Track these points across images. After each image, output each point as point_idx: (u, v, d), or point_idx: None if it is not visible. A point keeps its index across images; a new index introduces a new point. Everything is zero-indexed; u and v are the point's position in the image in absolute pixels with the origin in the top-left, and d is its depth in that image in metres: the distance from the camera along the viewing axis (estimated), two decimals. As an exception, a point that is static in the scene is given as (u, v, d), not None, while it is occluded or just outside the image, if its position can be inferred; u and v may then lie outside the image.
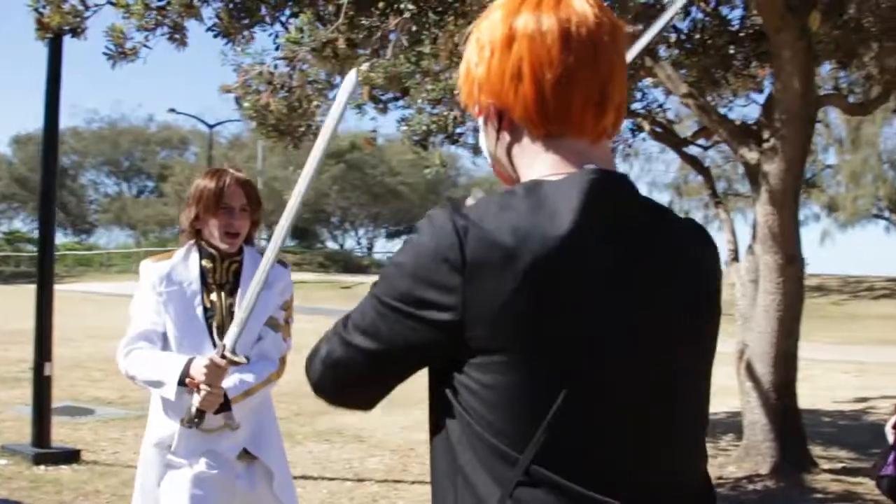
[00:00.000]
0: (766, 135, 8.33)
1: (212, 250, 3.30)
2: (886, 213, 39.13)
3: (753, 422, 7.58)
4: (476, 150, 9.58)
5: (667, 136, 9.37)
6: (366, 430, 8.98)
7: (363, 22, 6.71)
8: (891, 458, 6.76)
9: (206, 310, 3.24)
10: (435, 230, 1.38)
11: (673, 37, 9.18)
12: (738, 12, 9.00)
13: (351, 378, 1.51)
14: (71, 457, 6.83)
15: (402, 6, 6.43)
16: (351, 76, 2.62)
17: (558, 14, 1.44)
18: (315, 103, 8.79)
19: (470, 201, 1.46)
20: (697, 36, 8.98)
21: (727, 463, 7.64)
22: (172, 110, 47.90)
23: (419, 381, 1.52)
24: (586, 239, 1.35)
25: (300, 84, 8.49)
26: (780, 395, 7.49)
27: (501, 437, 1.35)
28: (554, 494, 1.34)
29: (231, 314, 3.21)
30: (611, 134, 1.52)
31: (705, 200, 40.01)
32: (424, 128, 8.13)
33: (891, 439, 7.06)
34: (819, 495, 6.87)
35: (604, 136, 1.50)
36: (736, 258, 8.59)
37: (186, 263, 3.29)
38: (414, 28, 6.55)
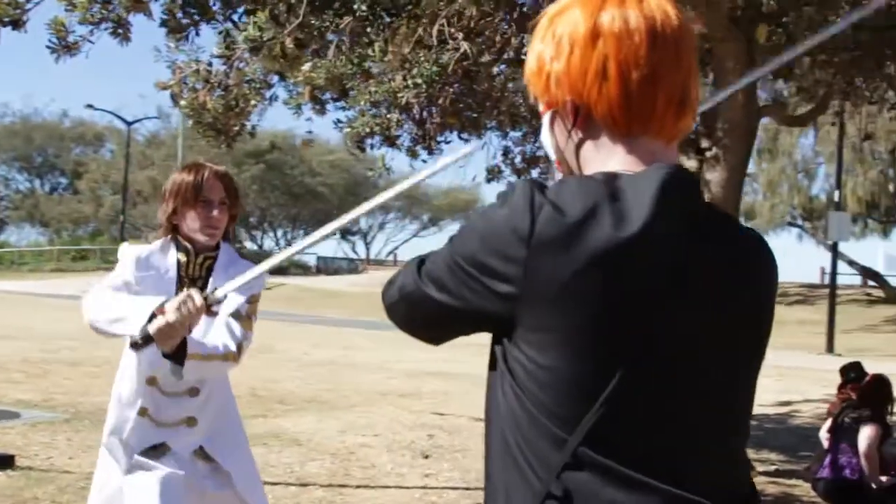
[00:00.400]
0: (704, 143, 8.50)
1: (187, 244, 3.26)
2: (800, 221, 40.30)
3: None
4: (412, 152, 9.55)
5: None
6: (303, 433, 8.90)
7: (313, 22, 6.63)
8: (826, 461, 6.95)
9: None
10: (512, 200, 1.38)
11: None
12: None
13: (419, 315, 1.55)
14: (4, 462, 6.60)
15: (355, 6, 6.38)
16: (472, 147, 2.44)
17: (644, 12, 1.44)
18: (252, 102, 8.69)
19: (551, 182, 1.45)
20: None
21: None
22: (90, 106, 46.51)
23: (352, 386, 1.51)
24: (657, 233, 1.36)
25: (237, 83, 8.39)
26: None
27: (553, 419, 1.36)
28: (600, 477, 1.34)
29: None
30: (683, 135, 1.54)
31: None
32: (368, 130, 8.08)
33: (825, 444, 7.26)
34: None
35: (677, 137, 1.52)
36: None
37: (164, 254, 3.25)
38: (368, 29, 6.49)
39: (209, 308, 2.80)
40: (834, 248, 22.95)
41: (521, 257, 1.34)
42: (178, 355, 2.85)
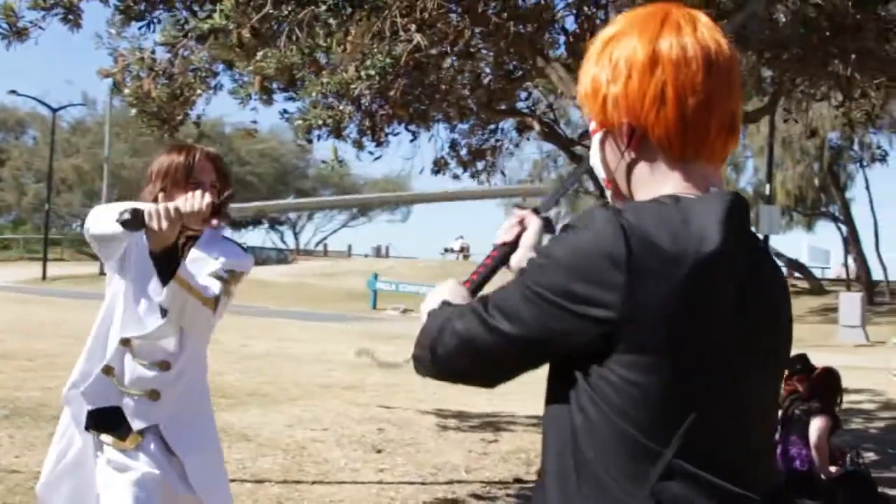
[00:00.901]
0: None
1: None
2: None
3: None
4: (359, 144, 9.47)
5: (555, 136, 9.49)
6: (250, 428, 8.78)
7: (272, 12, 6.50)
8: (778, 452, 7.06)
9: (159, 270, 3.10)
10: (597, 228, 1.43)
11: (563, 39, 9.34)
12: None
13: (484, 356, 1.55)
14: (-54, 464, 6.38)
15: (319, -3, 6.28)
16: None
17: (699, 41, 1.52)
18: (198, 91, 8.53)
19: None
20: (583, 40, 9.14)
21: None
22: (13, 92, 45.12)
23: (292, 379, 1.47)
24: (729, 254, 1.44)
25: (182, 71, 8.22)
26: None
27: (645, 433, 1.42)
28: (693, 487, 1.41)
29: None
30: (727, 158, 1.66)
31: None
32: (321, 122, 7.97)
33: (775, 436, 7.37)
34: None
35: (725, 161, 1.64)
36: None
37: None
38: (332, 21, 6.39)
39: (214, 213, 2.80)
40: (765, 241, 23.40)
41: (619, 283, 1.39)
42: (164, 268, 2.88)
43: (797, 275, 36.20)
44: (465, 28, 8.28)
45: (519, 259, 1.88)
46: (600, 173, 1.65)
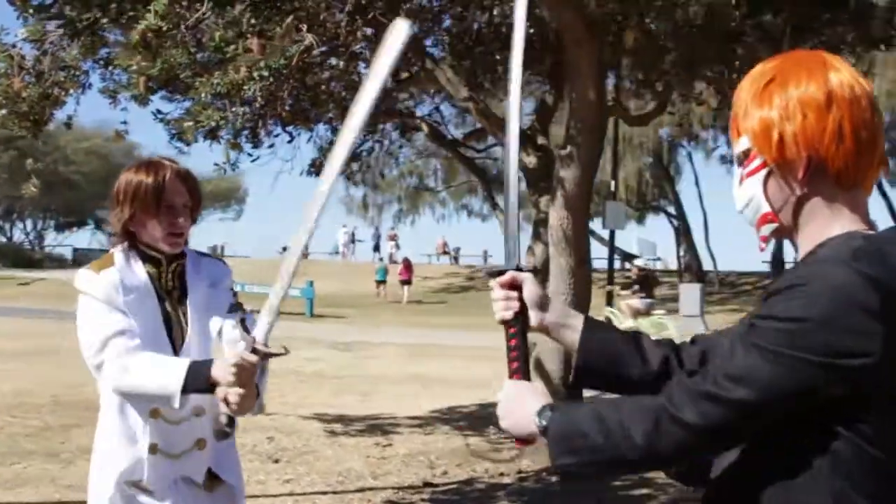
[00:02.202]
0: (540, 140, 8.73)
1: (154, 254, 2.92)
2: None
3: (543, 416, 7.90)
4: (235, 146, 9.25)
5: (441, 138, 9.53)
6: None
7: (178, 10, 6.25)
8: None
9: (166, 322, 2.90)
10: (841, 281, 1.48)
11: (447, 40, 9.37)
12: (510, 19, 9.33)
13: (722, 433, 1.57)
14: None
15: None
16: (401, 29, 2.25)
17: (862, 84, 1.65)
18: (71, 91, 8.15)
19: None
20: (466, 41, 9.22)
21: (520, 457, 7.91)
22: None
23: None
24: None
25: (51, 69, 7.83)
26: (568, 389, 7.86)
27: None
28: None
29: (184, 323, 2.93)
30: None
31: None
32: (213, 123, 7.72)
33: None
34: (618, 482, 7.27)
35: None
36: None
37: (132, 270, 2.88)
38: (253, 21, 6.19)
39: (270, 355, 2.63)
40: (610, 237, 24.20)
41: (876, 332, 1.45)
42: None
43: (629, 266, 37.49)
44: (358, 29, 8.19)
45: (540, 319, 1.95)
46: (760, 208, 1.71)
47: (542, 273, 8.36)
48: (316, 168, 10.79)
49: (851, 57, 8.41)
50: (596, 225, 28.51)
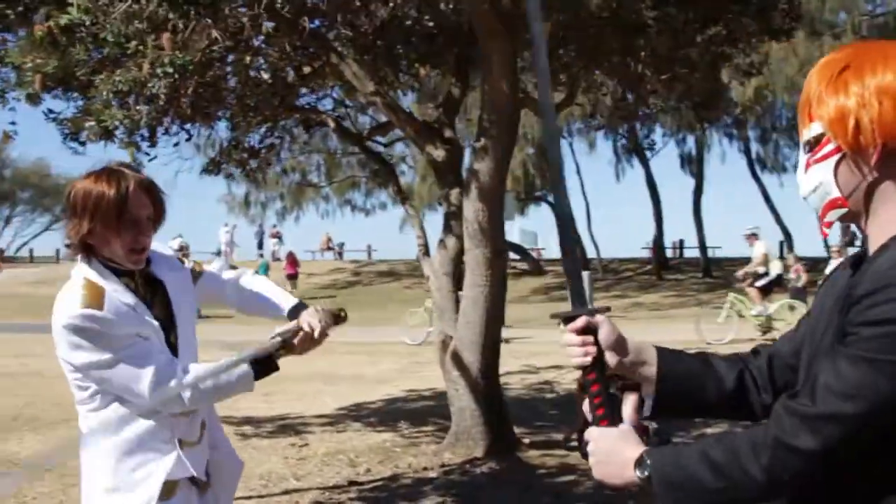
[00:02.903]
0: (447, 133, 8.73)
1: (119, 267, 2.77)
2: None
3: (462, 408, 7.92)
4: (131, 145, 8.99)
5: (346, 132, 9.43)
6: (39, 456, 8.14)
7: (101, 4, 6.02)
8: (596, 430, 7.42)
9: (161, 322, 2.81)
10: None
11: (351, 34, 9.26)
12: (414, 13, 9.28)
13: (841, 456, 1.54)
14: None
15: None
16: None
17: None
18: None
19: None
20: (370, 36, 9.13)
21: (441, 450, 7.91)
22: None
23: (50, 398, 1.47)
24: None
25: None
26: (487, 380, 7.90)
27: None
28: None
29: (171, 321, 2.86)
30: None
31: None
32: (117, 122, 7.46)
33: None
34: (542, 471, 7.35)
35: None
36: (427, 252, 8.91)
37: (111, 283, 2.72)
38: (171, 15, 6.00)
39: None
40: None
41: None
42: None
43: (515, 257, 37.98)
44: (260, 24, 8.03)
45: (617, 361, 1.93)
46: (830, 193, 1.73)
47: (456, 265, 8.38)
48: (214, 166, 10.57)
49: (748, 48, 8.71)
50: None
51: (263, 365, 2.82)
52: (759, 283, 18.16)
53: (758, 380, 1.94)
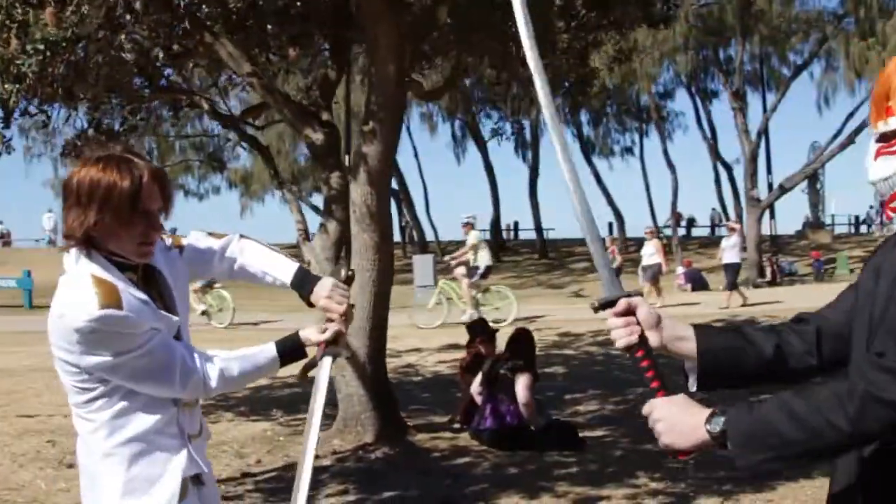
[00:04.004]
0: (324, 116, 8.60)
1: (123, 261, 2.55)
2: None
3: (350, 394, 7.85)
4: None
5: (219, 114, 9.15)
6: None
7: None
8: (487, 411, 7.53)
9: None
10: None
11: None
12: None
13: None
14: None
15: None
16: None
17: None
18: None
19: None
20: (241, 14, 8.89)
21: (328, 437, 7.82)
22: None
23: None
24: None
25: None
26: (375, 365, 7.87)
27: None
28: None
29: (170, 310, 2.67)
30: None
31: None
32: (-15, 103, 7.00)
33: (479, 398, 7.85)
34: (436, 454, 7.39)
35: None
36: (307, 237, 8.76)
37: (118, 279, 2.50)
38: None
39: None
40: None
41: None
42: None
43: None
44: (132, 1, 7.71)
45: (657, 338, 2.00)
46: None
47: (337, 250, 8.29)
48: (69, 149, 10.06)
49: (617, 35, 8.95)
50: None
51: (291, 351, 2.74)
52: (473, 278, 18.64)
53: (799, 346, 2.01)
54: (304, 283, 2.82)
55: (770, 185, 29.81)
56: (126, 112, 9.78)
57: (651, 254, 21.30)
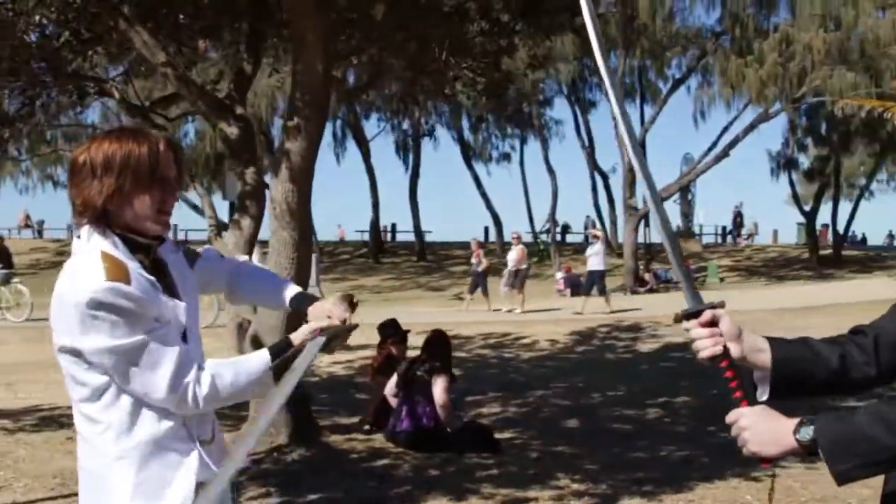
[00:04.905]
0: (238, 110, 8.44)
1: (142, 240, 2.44)
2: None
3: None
4: None
5: (128, 104, 8.85)
6: None
7: None
8: (404, 413, 7.52)
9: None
10: None
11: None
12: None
13: None
14: None
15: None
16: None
17: None
18: None
19: None
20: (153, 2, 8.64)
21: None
22: None
23: None
24: None
25: None
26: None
27: None
28: None
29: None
30: None
31: None
32: None
33: (392, 400, 7.83)
34: (354, 455, 7.32)
35: None
36: (219, 233, 8.56)
37: (133, 263, 2.38)
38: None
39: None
40: (230, 208, 23.87)
41: None
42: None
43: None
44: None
45: (738, 350, 2.02)
46: None
47: (250, 246, 8.13)
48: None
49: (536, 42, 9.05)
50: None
51: (283, 351, 2.60)
52: None
53: (859, 356, 2.06)
54: (303, 301, 2.76)
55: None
56: (26, 97, 9.39)
57: (516, 259, 21.55)
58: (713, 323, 2.01)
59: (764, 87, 24.42)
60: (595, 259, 20.86)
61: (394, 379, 7.93)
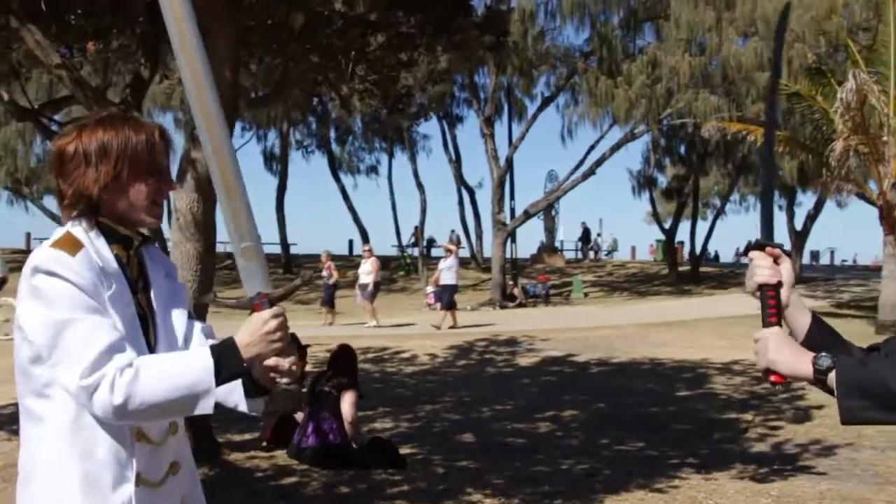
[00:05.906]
0: (135, 115, 8.16)
1: (122, 230, 2.32)
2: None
3: (161, 411, 7.46)
4: None
5: (17, 106, 8.44)
6: None
7: None
8: (310, 429, 7.42)
9: (140, 317, 2.31)
10: None
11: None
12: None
13: None
14: None
15: None
16: None
17: None
18: None
19: None
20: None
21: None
22: None
23: None
24: None
25: None
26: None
27: None
28: None
29: (150, 321, 2.35)
30: None
31: None
32: None
33: (299, 416, 7.71)
34: (259, 473, 7.15)
35: None
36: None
37: (101, 253, 2.24)
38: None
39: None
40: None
41: None
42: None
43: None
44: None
45: (787, 295, 2.09)
46: None
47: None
48: None
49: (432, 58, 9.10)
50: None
51: (228, 353, 2.23)
52: None
53: None
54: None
55: (513, 211, 31.13)
56: None
57: (368, 272, 21.44)
58: (775, 260, 2.08)
59: (632, 108, 25.22)
60: (447, 273, 20.76)
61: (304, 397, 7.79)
